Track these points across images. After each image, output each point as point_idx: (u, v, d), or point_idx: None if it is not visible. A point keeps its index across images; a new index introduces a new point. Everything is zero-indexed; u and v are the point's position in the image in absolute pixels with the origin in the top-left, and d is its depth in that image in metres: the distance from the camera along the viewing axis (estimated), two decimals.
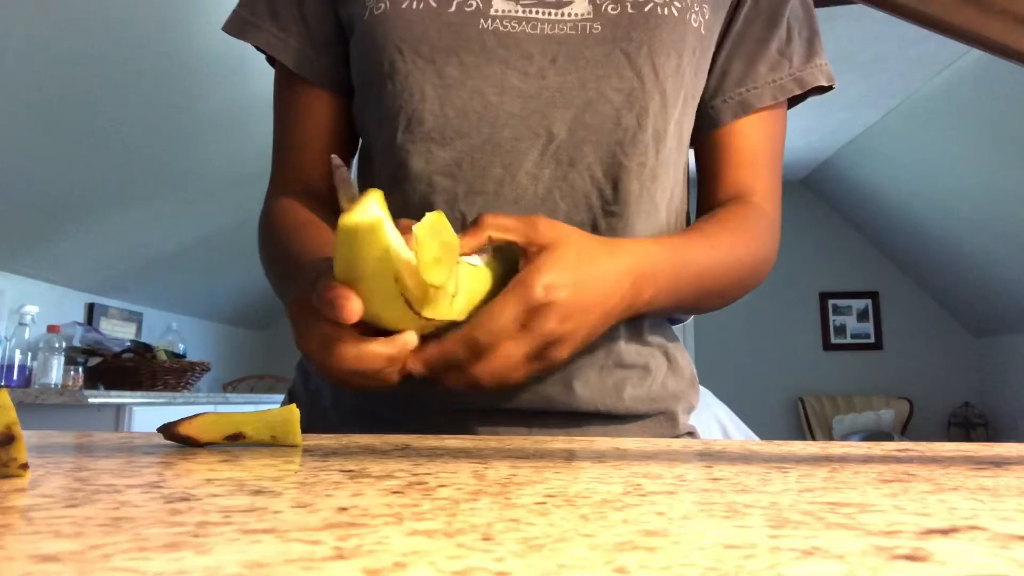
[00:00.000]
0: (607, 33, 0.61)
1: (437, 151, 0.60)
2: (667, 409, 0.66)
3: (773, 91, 0.69)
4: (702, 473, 0.32)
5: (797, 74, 0.69)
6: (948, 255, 4.58)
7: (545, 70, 0.61)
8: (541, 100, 0.61)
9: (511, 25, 0.61)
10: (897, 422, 4.86)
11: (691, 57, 0.64)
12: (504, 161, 0.60)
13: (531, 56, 0.61)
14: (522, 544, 0.18)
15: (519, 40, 0.61)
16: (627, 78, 0.61)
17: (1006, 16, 0.32)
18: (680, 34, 0.63)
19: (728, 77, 0.69)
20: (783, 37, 0.69)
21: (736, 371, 5.06)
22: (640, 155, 0.62)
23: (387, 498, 0.24)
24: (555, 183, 0.60)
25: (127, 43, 2.34)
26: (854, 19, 2.82)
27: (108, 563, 0.15)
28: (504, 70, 0.61)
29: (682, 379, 0.69)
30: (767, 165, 0.70)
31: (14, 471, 0.28)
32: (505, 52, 0.61)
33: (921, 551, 0.17)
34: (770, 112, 0.70)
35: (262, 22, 0.70)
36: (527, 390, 0.60)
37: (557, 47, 0.61)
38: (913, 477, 0.31)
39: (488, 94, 0.60)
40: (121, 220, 3.03)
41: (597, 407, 0.62)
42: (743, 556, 0.16)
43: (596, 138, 0.61)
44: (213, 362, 3.59)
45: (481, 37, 0.61)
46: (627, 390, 0.63)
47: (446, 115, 0.60)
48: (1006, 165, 3.57)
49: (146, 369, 2.83)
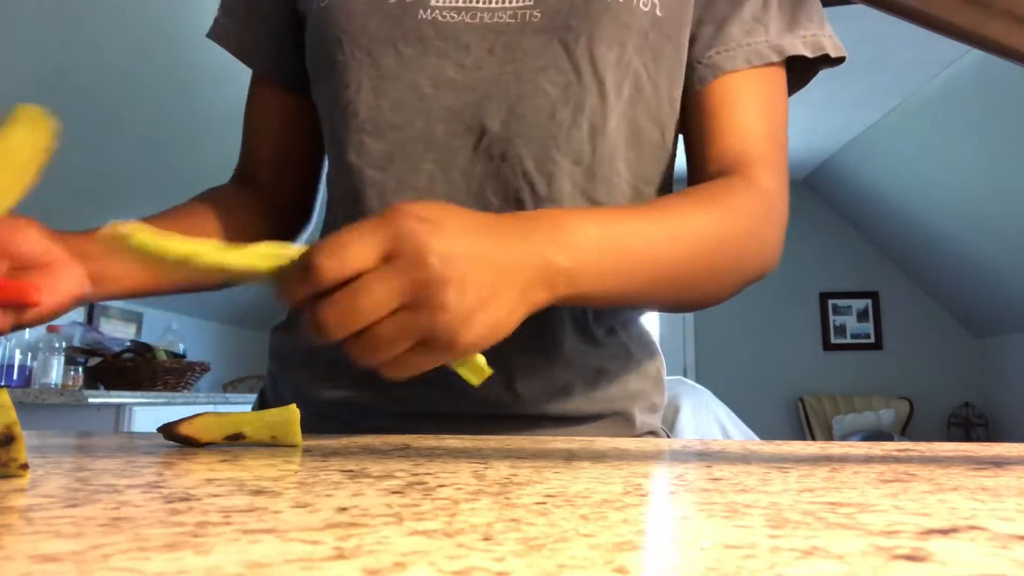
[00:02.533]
0: (546, 22, 0.59)
1: (370, 143, 0.59)
2: (622, 409, 0.64)
3: (747, 55, 0.63)
4: (702, 473, 0.32)
5: (775, 41, 0.63)
6: (948, 255, 4.57)
7: (481, 61, 0.59)
8: (476, 93, 0.59)
9: (450, 15, 0.60)
10: (897, 422, 4.86)
11: (641, 43, 0.60)
12: (437, 156, 0.59)
13: (468, 47, 0.59)
14: (522, 544, 0.18)
15: (458, 30, 0.59)
16: (564, 70, 0.59)
17: (1006, 17, 0.32)
18: (625, 22, 0.59)
19: (698, 42, 0.64)
20: (758, 4, 0.64)
21: (736, 371, 5.06)
22: (575, 152, 0.59)
23: (387, 498, 0.24)
24: (487, 179, 0.58)
25: (127, 44, 2.34)
26: (854, 19, 2.82)
27: (108, 563, 0.15)
28: (441, 61, 0.59)
29: (645, 378, 0.66)
30: (759, 133, 0.62)
31: (14, 471, 0.28)
32: (443, 43, 0.59)
33: (921, 551, 0.17)
34: (754, 76, 0.63)
35: (228, 22, 0.72)
36: (471, 394, 0.54)
37: (495, 37, 0.59)
38: (913, 477, 0.31)
39: (423, 86, 0.59)
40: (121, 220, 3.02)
41: (545, 410, 0.60)
42: (743, 556, 0.16)
43: (529, 132, 0.58)
44: (213, 362, 3.59)
45: (419, 27, 0.60)
46: (576, 391, 0.61)
47: (380, 107, 0.59)
48: (1006, 165, 3.57)
49: (146, 369, 2.83)
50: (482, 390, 0.54)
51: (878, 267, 5.25)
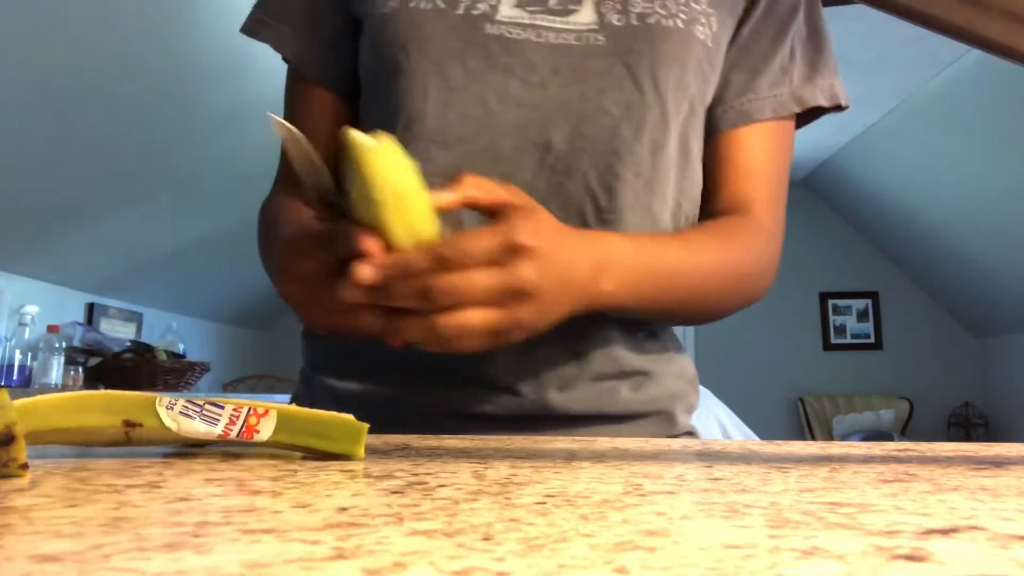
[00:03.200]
0: (610, 46, 0.61)
1: (437, 153, 0.60)
2: (665, 409, 0.66)
3: (773, 105, 0.68)
4: (702, 473, 0.32)
5: (797, 92, 0.69)
6: (948, 255, 4.57)
7: (547, 80, 0.61)
8: (541, 111, 0.61)
9: (517, 32, 0.61)
10: (897, 422, 4.86)
11: (696, 68, 0.64)
12: (501, 170, 0.60)
13: (534, 65, 0.61)
14: (522, 544, 0.18)
15: (523, 48, 0.61)
16: (627, 90, 0.61)
17: (1006, 16, 0.32)
18: (685, 46, 0.63)
19: (730, 87, 0.69)
20: (786, 54, 0.69)
21: (736, 371, 5.06)
22: (636, 165, 0.62)
23: (387, 498, 0.24)
24: (551, 193, 0.60)
25: (128, 44, 2.34)
26: (854, 19, 2.82)
27: (108, 563, 0.15)
28: (507, 78, 0.61)
29: (682, 379, 0.69)
30: (768, 178, 0.69)
31: (14, 471, 0.28)
32: (509, 59, 0.61)
33: (921, 551, 0.17)
34: (772, 126, 0.69)
35: (273, 20, 0.70)
36: (525, 396, 0.60)
37: (560, 58, 0.61)
38: (913, 477, 0.31)
39: (490, 102, 0.60)
40: (121, 220, 3.03)
41: (593, 408, 0.62)
42: (743, 556, 0.16)
43: (593, 148, 0.61)
44: (213, 362, 3.59)
45: (486, 42, 0.61)
46: (623, 393, 0.63)
47: (447, 118, 0.61)
48: (1006, 165, 3.57)
49: (146, 369, 2.83)
50: (531, 392, 0.60)
51: (878, 267, 5.25)
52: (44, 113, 2.36)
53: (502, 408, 0.60)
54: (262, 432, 0.36)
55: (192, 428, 0.35)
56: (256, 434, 0.36)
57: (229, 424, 0.36)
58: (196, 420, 0.35)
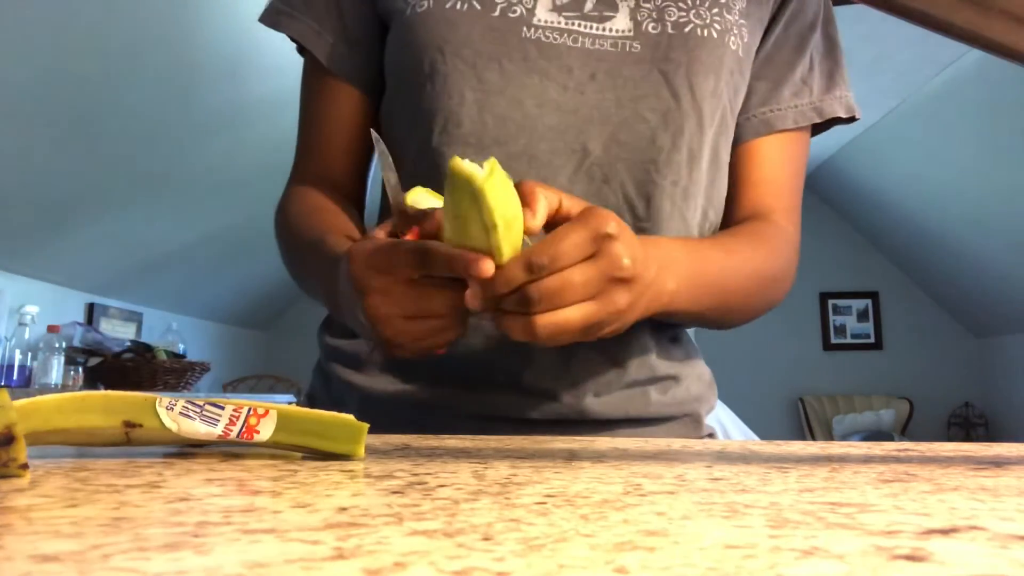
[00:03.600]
0: (646, 53, 0.62)
1: (473, 156, 0.60)
2: (692, 411, 0.68)
3: (795, 116, 0.70)
4: (702, 473, 0.32)
5: (817, 103, 0.71)
6: (948, 255, 4.57)
7: (584, 85, 0.61)
8: (579, 116, 0.61)
9: (553, 36, 0.61)
10: (897, 422, 4.86)
11: (728, 78, 0.65)
12: (539, 174, 0.60)
13: (571, 70, 0.61)
14: (522, 544, 0.18)
15: (560, 52, 0.61)
16: (664, 98, 0.62)
17: (1006, 16, 0.32)
18: (719, 56, 0.63)
19: (753, 96, 0.70)
20: (806, 66, 0.71)
21: (736, 371, 5.06)
22: (673, 174, 0.62)
23: (387, 498, 0.24)
24: (588, 198, 0.60)
25: (127, 43, 2.34)
26: (854, 19, 2.82)
27: (108, 563, 0.15)
28: (544, 81, 0.61)
29: (703, 381, 0.71)
30: (787, 187, 0.71)
31: (14, 471, 0.28)
32: (546, 63, 0.61)
33: (921, 551, 0.17)
34: (792, 136, 0.71)
35: (297, 13, 0.70)
36: (563, 401, 0.61)
37: (597, 63, 0.61)
38: (913, 477, 0.31)
39: (527, 105, 0.61)
40: (121, 220, 3.03)
41: (627, 412, 0.63)
42: (743, 556, 0.16)
43: (630, 156, 0.61)
44: (213, 362, 3.59)
45: (523, 45, 0.61)
46: (653, 396, 0.65)
47: (484, 121, 0.60)
48: (1006, 165, 3.57)
49: (146, 369, 2.83)
50: (569, 398, 0.62)
51: (878, 267, 5.25)
52: (44, 113, 2.36)
53: (540, 412, 0.61)
54: (262, 432, 0.36)
55: (192, 429, 0.35)
56: (256, 434, 0.36)
57: (229, 425, 0.36)
58: (196, 421, 0.35)
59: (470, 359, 0.61)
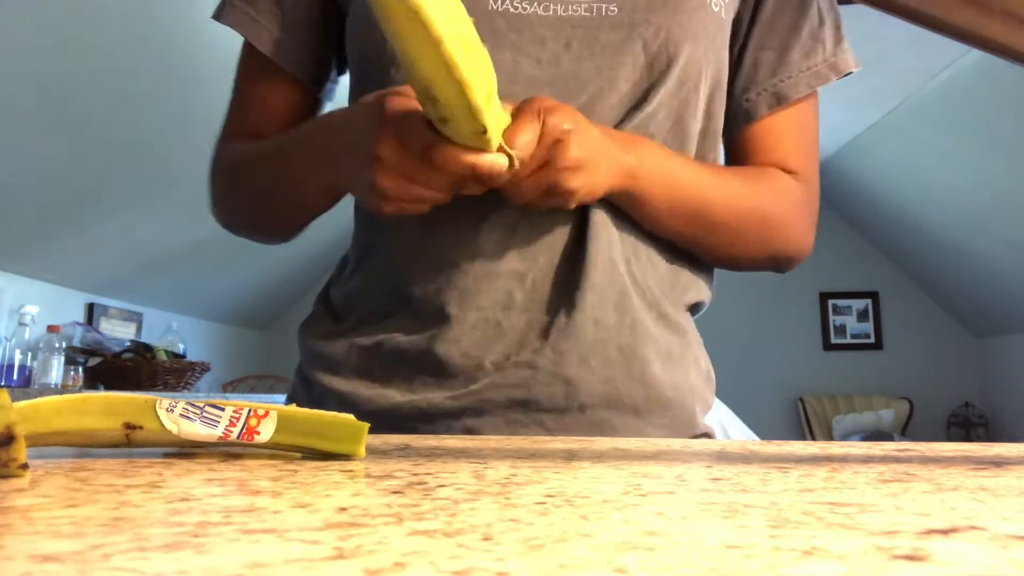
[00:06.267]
0: (624, 17, 0.59)
1: None
2: (686, 404, 0.64)
3: (808, 79, 0.66)
4: (702, 473, 0.32)
5: (831, 60, 0.67)
6: (948, 255, 4.57)
7: (559, 56, 0.59)
8: (554, 89, 0.59)
9: (522, 7, 0.59)
10: (897, 422, 4.86)
11: (710, 43, 0.62)
12: None
13: (544, 41, 0.59)
14: (522, 544, 0.18)
15: (531, 23, 0.59)
16: (641, 67, 0.60)
17: (1006, 17, 0.32)
18: (700, 19, 0.61)
19: (760, 67, 0.67)
20: (815, 21, 0.67)
21: (736, 371, 5.06)
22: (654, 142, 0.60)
23: (387, 498, 0.24)
24: None
25: (127, 43, 2.34)
26: (854, 19, 2.82)
27: (108, 563, 0.15)
28: (516, 57, 0.59)
29: (699, 372, 0.67)
30: (802, 150, 0.68)
31: (14, 471, 0.28)
32: (517, 36, 0.59)
33: (921, 551, 0.17)
34: (805, 103, 0.68)
35: (250, 9, 0.68)
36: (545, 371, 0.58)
37: (572, 30, 0.59)
38: (913, 477, 0.31)
39: (500, 82, 0.59)
40: (121, 220, 3.03)
41: (617, 388, 0.59)
42: (743, 556, 0.16)
43: (609, 125, 0.59)
44: (213, 362, 3.59)
45: (491, 19, 0.58)
46: (651, 369, 0.61)
47: None
48: (1006, 165, 3.57)
49: (146, 369, 2.83)
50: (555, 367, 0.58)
51: (878, 267, 5.25)
52: (44, 113, 2.36)
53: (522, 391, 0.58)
54: (262, 434, 0.36)
55: (192, 430, 0.35)
56: (256, 435, 0.36)
57: (229, 426, 0.36)
58: (196, 422, 0.35)
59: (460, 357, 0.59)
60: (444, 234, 0.60)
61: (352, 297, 0.66)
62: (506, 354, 0.59)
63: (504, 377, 0.59)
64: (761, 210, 0.63)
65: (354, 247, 0.69)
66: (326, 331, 0.66)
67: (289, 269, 4.59)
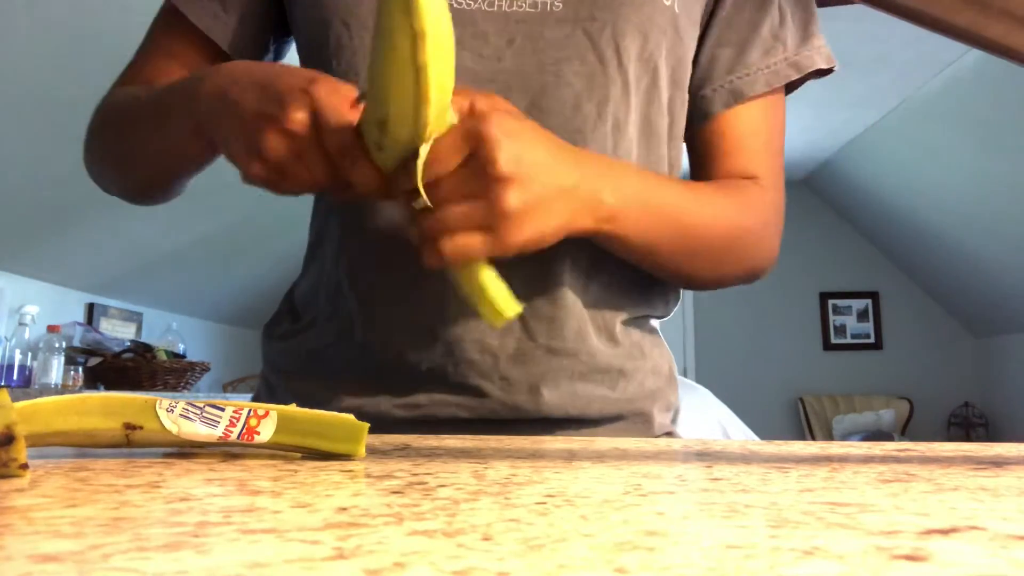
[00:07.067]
0: (569, 12, 0.58)
1: None
2: (642, 410, 0.63)
3: (767, 77, 0.64)
4: (702, 473, 0.32)
5: (792, 58, 0.65)
6: (948, 255, 4.57)
7: (501, 51, 0.57)
8: (496, 85, 0.57)
9: (465, 2, 0.57)
10: (897, 422, 4.86)
11: (660, 38, 0.60)
12: None
13: (486, 36, 0.57)
14: (522, 544, 0.18)
15: (475, 19, 0.57)
16: (589, 62, 0.58)
17: (1006, 17, 0.32)
18: (647, 14, 0.59)
19: (717, 64, 0.65)
20: (776, 19, 0.65)
21: (736, 371, 5.06)
22: (599, 147, 0.58)
23: (387, 498, 0.24)
24: None
25: (127, 43, 2.34)
26: (854, 19, 2.82)
27: (108, 563, 0.15)
28: (459, 52, 0.56)
29: (659, 376, 0.65)
30: (765, 152, 0.65)
31: (14, 471, 0.28)
32: (459, 31, 0.56)
33: (921, 551, 0.17)
34: (765, 100, 0.65)
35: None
36: (495, 399, 0.57)
37: (516, 26, 0.58)
38: (913, 477, 0.31)
39: None
40: (121, 220, 3.03)
41: (567, 412, 0.59)
42: (743, 556, 0.16)
43: (554, 124, 0.56)
44: (213, 362, 3.59)
45: None
46: (599, 393, 0.60)
47: None
48: (1006, 165, 3.57)
49: (146, 369, 2.83)
50: (504, 395, 0.57)
51: (878, 267, 5.25)
52: (44, 113, 2.36)
53: (470, 412, 0.58)
54: (262, 434, 0.36)
55: (192, 430, 0.35)
56: (256, 436, 0.36)
57: (229, 426, 0.36)
58: (196, 422, 0.35)
59: (396, 361, 0.58)
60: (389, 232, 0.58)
61: (306, 295, 0.66)
62: (447, 372, 0.57)
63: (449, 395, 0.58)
64: (740, 228, 0.61)
65: (308, 245, 0.68)
66: (284, 331, 0.66)
67: (289, 269, 4.59)
